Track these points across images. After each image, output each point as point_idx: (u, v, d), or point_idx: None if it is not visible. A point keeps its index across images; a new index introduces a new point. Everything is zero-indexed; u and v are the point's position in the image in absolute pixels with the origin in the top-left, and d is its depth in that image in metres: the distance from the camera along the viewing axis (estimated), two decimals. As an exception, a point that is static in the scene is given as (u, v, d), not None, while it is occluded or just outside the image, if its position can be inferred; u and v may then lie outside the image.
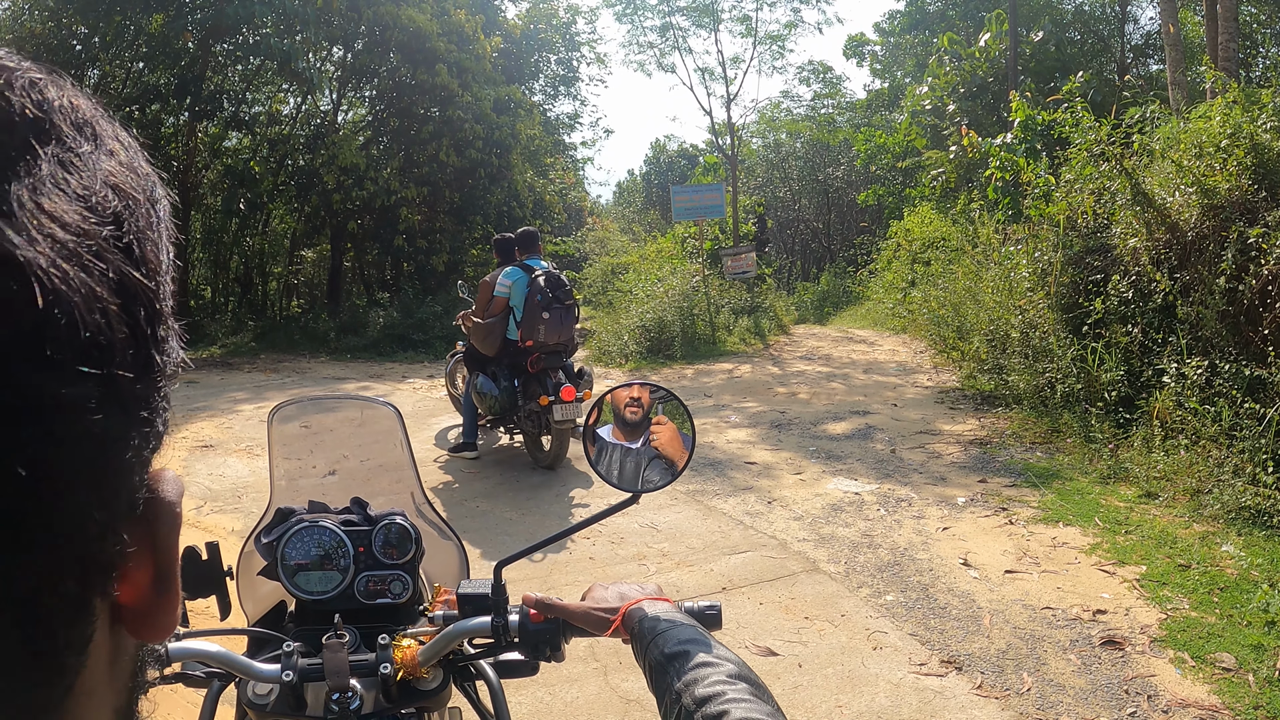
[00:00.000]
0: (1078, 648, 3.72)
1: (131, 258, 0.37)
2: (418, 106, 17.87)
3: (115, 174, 0.38)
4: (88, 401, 0.33)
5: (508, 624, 1.26)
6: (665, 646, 1.01)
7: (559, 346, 6.39)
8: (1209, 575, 4.36)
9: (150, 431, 0.39)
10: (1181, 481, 5.55)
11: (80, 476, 0.34)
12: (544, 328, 6.22)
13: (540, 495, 6.02)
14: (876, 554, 4.78)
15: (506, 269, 6.51)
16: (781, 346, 13.97)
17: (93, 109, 0.40)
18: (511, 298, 6.37)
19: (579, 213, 38.17)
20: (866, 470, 6.40)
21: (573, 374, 6.44)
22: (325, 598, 1.41)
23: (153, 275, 0.38)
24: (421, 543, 1.48)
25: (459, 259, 18.95)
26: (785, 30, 21.71)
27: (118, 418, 0.35)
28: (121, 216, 0.37)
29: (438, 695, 1.33)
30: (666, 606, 1.13)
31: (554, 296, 6.27)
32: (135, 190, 0.39)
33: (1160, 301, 6.99)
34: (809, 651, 3.66)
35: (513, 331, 6.40)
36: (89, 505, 0.35)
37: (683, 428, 1.31)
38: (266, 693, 1.29)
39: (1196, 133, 7.29)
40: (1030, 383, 7.86)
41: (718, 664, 0.96)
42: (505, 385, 6.41)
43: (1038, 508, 5.46)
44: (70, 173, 0.35)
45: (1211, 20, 11.47)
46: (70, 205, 0.34)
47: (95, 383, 0.34)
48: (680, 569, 4.61)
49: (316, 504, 1.51)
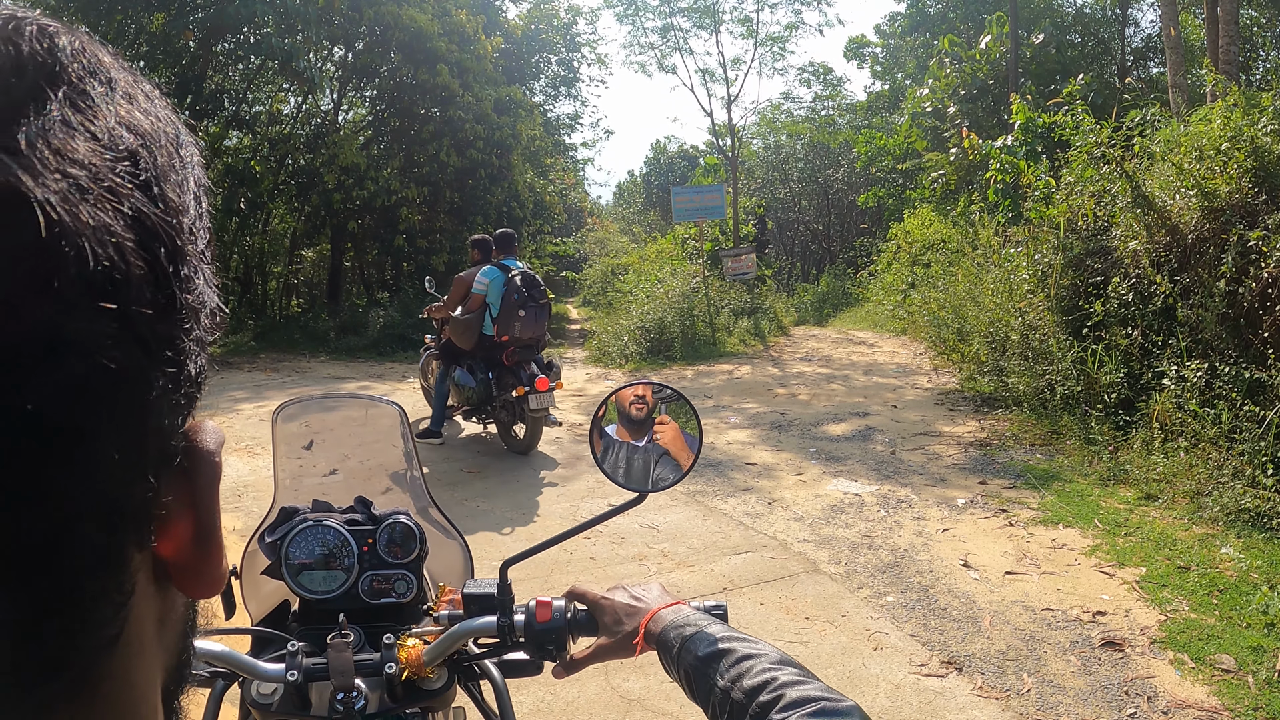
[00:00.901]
0: (1078, 649, 3.73)
1: (149, 194, 0.36)
2: (418, 106, 17.89)
3: (133, 116, 0.38)
4: (102, 338, 0.32)
5: (513, 624, 1.25)
6: (698, 650, 0.99)
7: (533, 341, 6.77)
8: (1208, 577, 4.37)
9: (179, 375, 0.37)
10: (1181, 484, 5.55)
11: (96, 418, 0.33)
12: (519, 324, 6.59)
13: (544, 493, 6.02)
14: (877, 555, 4.79)
15: (485, 267, 6.83)
16: (781, 348, 13.98)
17: (111, 58, 0.39)
18: (488, 295, 6.69)
19: (579, 213, 38.22)
20: (867, 471, 6.40)
21: (544, 366, 6.78)
22: (329, 597, 1.41)
23: (174, 214, 0.38)
24: (426, 542, 1.47)
25: (459, 259, 18.93)
26: (786, 32, 21.82)
27: (137, 357, 0.34)
28: (138, 155, 0.36)
29: (442, 695, 1.33)
30: (685, 611, 1.11)
31: (529, 295, 6.65)
32: (154, 131, 0.39)
33: (1160, 304, 6.99)
34: (810, 652, 3.67)
35: (488, 327, 6.74)
36: (108, 448, 0.33)
37: (686, 426, 1.30)
38: (271, 692, 1.29)
39: (1197, 135, 7.30)
40: (1030, 385, 7.86)
41: (758, 654, 0.94)
42: (481, 377, 6.83)
43: (1037, 509, 5.47)
44: (81, 113, 0.35)
45: (1212, 24, 11.49)
46: (81, 143, 0.34)
47: (109, 318, 0.33)
48: (681, 569, 4.62)
49: (320, 503, 1.51)
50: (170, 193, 0.38)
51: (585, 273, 31.25)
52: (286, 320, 17.08)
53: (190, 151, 0.42)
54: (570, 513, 5.60)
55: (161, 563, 0.39)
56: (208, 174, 0.43)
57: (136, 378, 0.35)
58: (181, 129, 0.42)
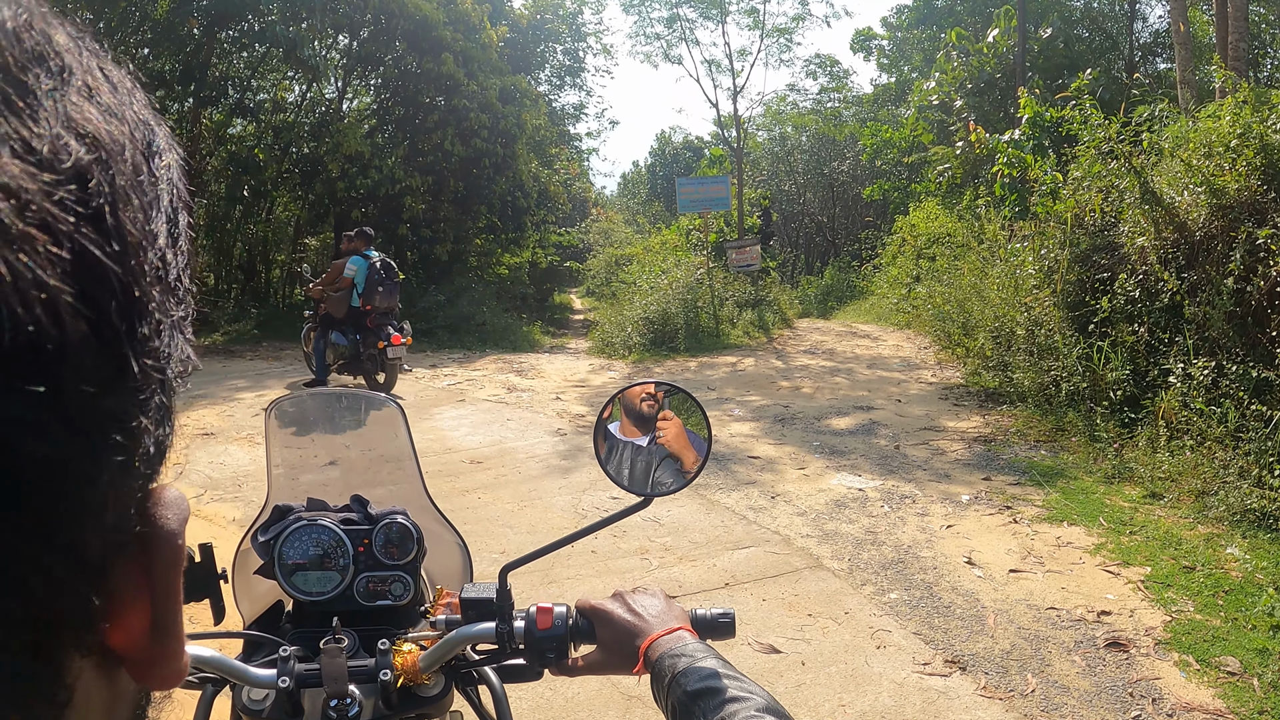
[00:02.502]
0: (1082, 649, 3.70)
1: (100, 227, 0.28)
2: (423, 95, 17.83)
3: (87, 119, 0.29)
4: (22, 427, 0.25)
5: (513, 630, 1.22)
6: (688, 684, 0.98)
7: (388, 309, 9.11)
8: (1214, 578, 4.34)
9: (135, 456, 0.30)
10: (1186, 482, 5.52)
11: (16, 526, 0.26)
12: (379, 297, 8.98)
13: (545, 485, 6.00)
14: (880, 551, 4.76)
15: (352, 257, 9.13)
16: (785, 340, 13.95)
17: (69, 37, 0.31)
18: (356, 277, 9.02)
19: (583, 203, 38.18)
20: (870, 466, 6.37)
21: (398, 327, 9.04)
22: (324, 599, 1.37)
23: (133, 251, 0.30)
24: (423, 542, 1.43)
25: (463, 248, 18.93)
26: (793, 23, 21.67)
27: (75, 444, 0.27)
28: (88, 174, 0.28)
29: (439, 702, 1.29)
30: (682, 639, 1.09)
31: (385, 276, 9.09)
32: (117, 139, 0.30)
33: (1167, 301, 6.95)
34: (812, 649, 3.64)
35: (355, 300, 9.02)
36: (34, 559, 0.27)
37: (688, 422, 1.29)
38: (262, 698, 1.25)
39: (1206, 132, 7.24)
40: (1035, 380, 7.82)
41: (746, 697, 0.93)
42: (352, 338, 9.13)
43: (1042, 506, 5.44)
44: (16, 116, 0.27)
45: (1222, 20, 11.40)
46: (8, 159, 0.26)
47: (33, 402, 0.26)
48: (683, 564, 4.59)
49: (315, 501, 1.46)
50: (129, 222, 0.30)
51: (589, 263, 31.23)
52: (289, 308, 17.07)
53: (167, 160, 0.35)
54: (572, 506, 5.58)
55: (110, 651, 0.33)
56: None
57: (74, 473, 0.28)
58: (158, 130, 0.35)
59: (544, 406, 8.91)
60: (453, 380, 10.62)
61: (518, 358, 13.34)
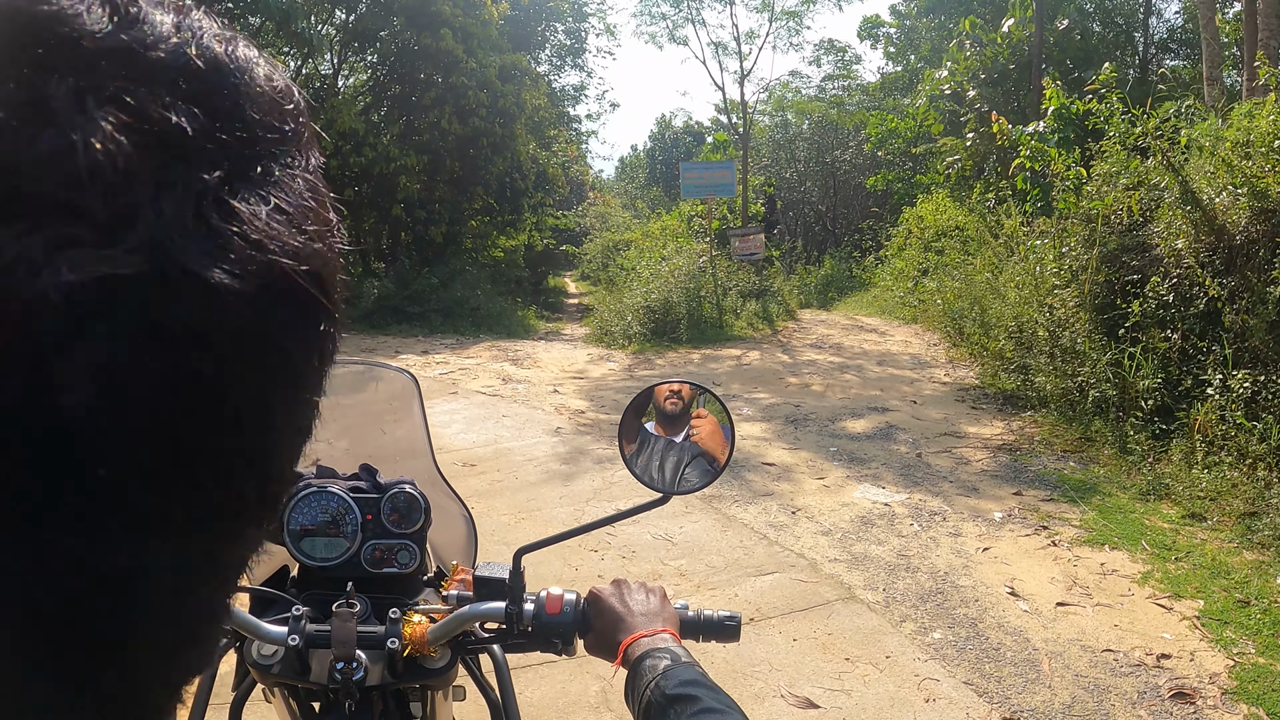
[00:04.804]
0: (1146, 700, 3.36)
1: (320, 284, 0.34)
2: (420, 72, 17.35)
3: (310, 192, 0.35)
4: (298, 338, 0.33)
5: (522, 612, 1.25)
6: (668, 687, 0.98)
7: None
8: (1270, 614, 4.02)
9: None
10: (1228, 503, 5.20)
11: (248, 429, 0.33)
12: None
13: (545, 494, 5.63)
14: (916, 579, 4.38)
15: None
16: (790, 333, 13.57)
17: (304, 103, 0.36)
18: None
19: (581, 186, 37.75)
20: (893, 476, 6.00)
21: None
22: (331, 564, 1.39)
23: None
24: (430, 513, 1.44)
25: (458, 230, 18.49)
26: (803, 6, 21.19)
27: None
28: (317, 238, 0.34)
29: (443, 675, 1.32)
30: (666, 640, 1.09)
31: None
32: (327, 212, 0.36)
33: (1203, 307, 6.60)
34: (854, 703, 3.26)
35: None
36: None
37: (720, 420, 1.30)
38: (271, 654, 1.28)
39: (1244, 131, 6.88)
40: (1058, 385, 7.47)
41: (724, 711, 0.93)
42: None
43: (1080, 527, 5.09)
44: (277, 188, 0.32)
45: (1250, 16, 11.00)
46: (279, 225, 0.32)
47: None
48: (701, 591, 4.20)
49: (324, 469, 1.48)
50: (330, 277, 0.37)
51: (585, 247, 30.78)
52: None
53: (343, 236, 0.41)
54: (574, 518, 5.17)
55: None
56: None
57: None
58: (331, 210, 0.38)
59: (541, 401, 8.50)
60: (445, 369, 10.20)
61: (513, 344, 12.91)
